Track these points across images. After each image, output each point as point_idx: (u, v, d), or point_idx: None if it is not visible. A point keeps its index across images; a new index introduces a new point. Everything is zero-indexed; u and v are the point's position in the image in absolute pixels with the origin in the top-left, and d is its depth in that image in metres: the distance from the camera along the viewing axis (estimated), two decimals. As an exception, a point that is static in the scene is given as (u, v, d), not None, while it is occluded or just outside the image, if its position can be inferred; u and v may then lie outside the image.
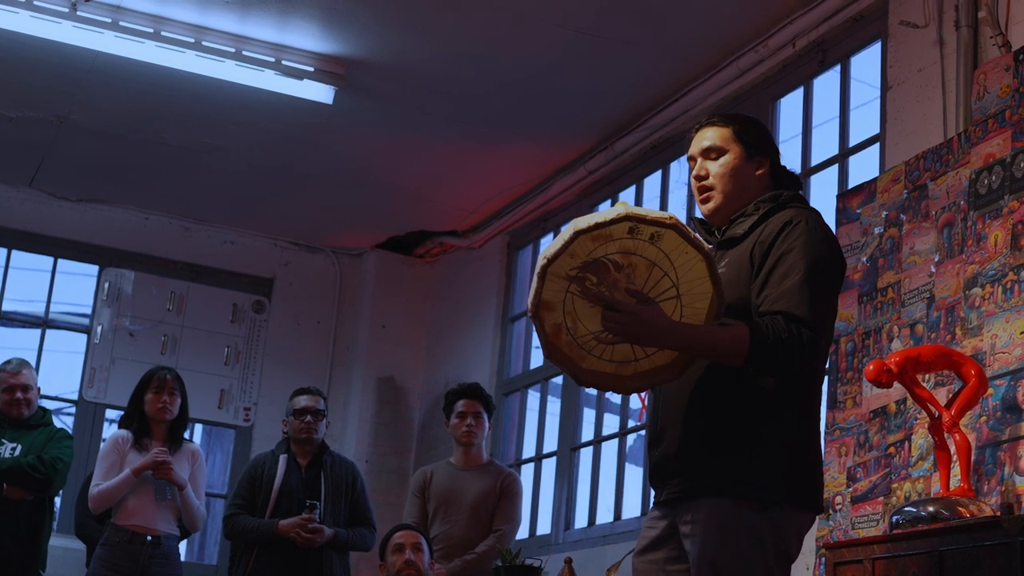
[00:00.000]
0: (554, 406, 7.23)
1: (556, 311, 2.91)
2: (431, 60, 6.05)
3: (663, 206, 6.52)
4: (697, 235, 2.89)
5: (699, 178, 3.18)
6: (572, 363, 2.98)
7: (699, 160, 3.19)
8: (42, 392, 6.19)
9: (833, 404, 4.61)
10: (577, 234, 2.80)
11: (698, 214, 3.30)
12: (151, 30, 5.86)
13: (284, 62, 6.05)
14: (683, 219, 3.04)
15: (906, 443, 4.23)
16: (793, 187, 3.19)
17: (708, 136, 3.18)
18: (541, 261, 2.86)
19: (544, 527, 7.04)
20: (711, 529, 2.92)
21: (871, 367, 3.78)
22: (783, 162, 3.26)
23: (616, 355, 2.97)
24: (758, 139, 3.18)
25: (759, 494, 2.91)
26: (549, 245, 2.87)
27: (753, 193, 3.14)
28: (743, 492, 2.91)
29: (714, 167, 3.16)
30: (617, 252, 2.85)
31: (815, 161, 5.46)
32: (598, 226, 2.80)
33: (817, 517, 4.46)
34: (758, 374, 2.93)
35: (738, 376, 2.94)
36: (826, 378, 4.75)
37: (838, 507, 4.45)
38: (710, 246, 3.12)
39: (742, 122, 3.21)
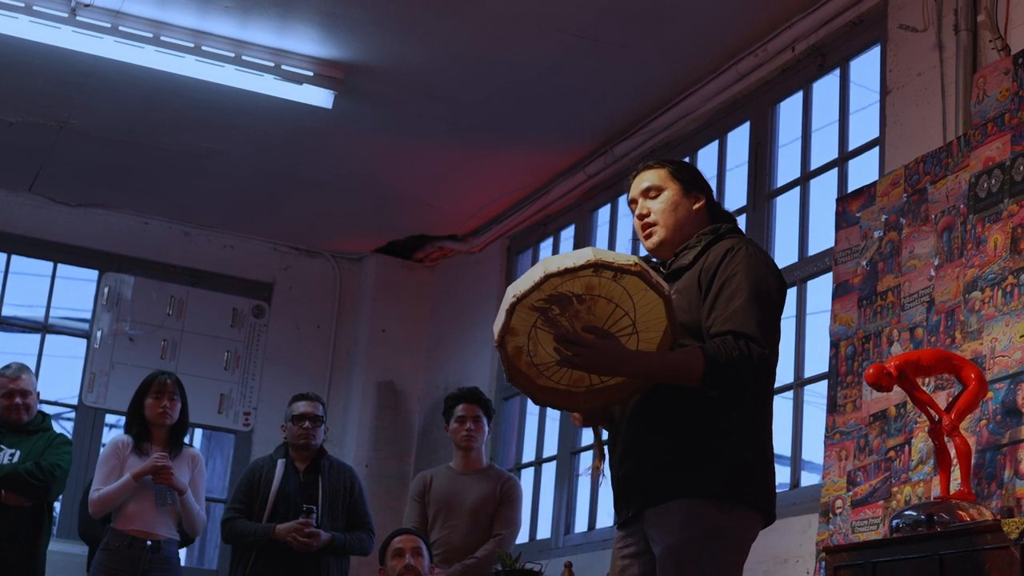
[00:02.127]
0: (554, 410, 7.21)
1: (520, 335, 3.04)
2: (430, 64, 6.05)
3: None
4: (660, 279, 3.02)
5: (642, 216, 3.38)
6: (529, 382, 3.12)
7: (640, 201, 3.40)
8: (42, 397, 6.19)
9: (833, 408, 4.61)
10: (547, 276, 2.94)
11: (644, 253, 3.47)
12: (151, 35, 5.87)
13: (283, 66, 6.05)
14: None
15: (906, 447, 4.23)
16: (730, 221, 3.39)
17: (646, 178, 3.40)
18: (509, 298, 2.98)
19: (544, 531, 7.03)
20: (675, 524, 3.05)
21: (871, 371, 3.78)
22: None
23: (572, 378, 3.11)
24: (692, 177, 3.41)
25: (721, 494, 3.05)
26: (518, 281, 3.00)
27: (693, 227, 3.35)
28: (706, 492, 3.05)
29: (655, 204, 3.37)
30: (582, 288, 2.99)
31: (814, 165, 5.45)
32: (567, 271, 2.94)
33: (825, 525, 4.47)
34: (712, 391, 3.06)
35: (694, 394, 3.07)
36: (826, 382, 4.75)
37: (838, 511, 4.44)
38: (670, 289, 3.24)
39: (676, 163, 3.45)
